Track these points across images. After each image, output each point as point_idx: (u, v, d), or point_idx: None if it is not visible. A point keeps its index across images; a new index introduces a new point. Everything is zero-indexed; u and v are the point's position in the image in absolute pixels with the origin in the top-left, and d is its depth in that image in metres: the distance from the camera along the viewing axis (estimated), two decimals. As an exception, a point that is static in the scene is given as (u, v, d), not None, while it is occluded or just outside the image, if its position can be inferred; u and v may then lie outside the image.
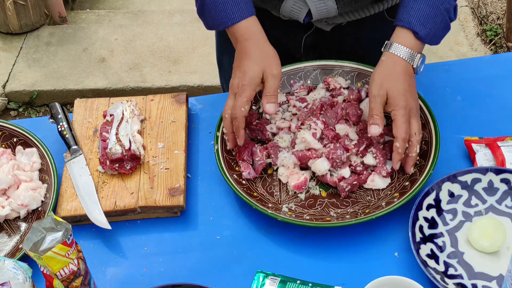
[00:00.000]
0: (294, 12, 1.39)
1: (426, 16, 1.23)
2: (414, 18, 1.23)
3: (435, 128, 1.29)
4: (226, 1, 1.26)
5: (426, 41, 1.25)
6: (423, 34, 1.23)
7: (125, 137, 1.32)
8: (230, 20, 1.26)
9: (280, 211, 1.22)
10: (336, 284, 1.12)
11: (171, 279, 1.16)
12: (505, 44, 3.30)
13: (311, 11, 1.37)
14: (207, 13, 1.29)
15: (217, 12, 1.27)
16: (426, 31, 1.23)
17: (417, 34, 1.23)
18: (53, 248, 0.98)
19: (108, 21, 3.57)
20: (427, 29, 1.23)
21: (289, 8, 1.39)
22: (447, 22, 1.26)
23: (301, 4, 1.37)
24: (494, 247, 1.15)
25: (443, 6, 1.24)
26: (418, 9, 1.23)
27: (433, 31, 1.24)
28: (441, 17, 1.24)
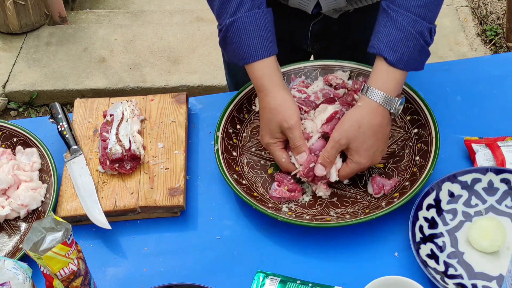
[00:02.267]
0: (303, 3, 1.39)
1: (396, 41, 1.20)
2: (383, 44, 1.20)
3: (435, 128, 1.29)
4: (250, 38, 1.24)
5: (400, 66, 1.20)
6: (393, 59, 1.20)
7: (125, 137, 1.32)
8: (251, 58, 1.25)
9: (280, 211, 1.22)
10: (336, 284, 1.12)
11: (171, 279, 1.16)
12: (505, 44, 3.30)
13: (319, 3, 1.37)
14: (228, 47, 1.28)
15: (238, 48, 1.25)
16: (397, 55, 1.20)
17: (387, 59, 1.20)
18: (53, 248, 0.98)
19: (108, 21, 3.56)
20: (398, 53, 1.20)
21: (297, 0, 1.39)
22: (422, 45, 1.21)
23: None
24: (494, 247, 1.15)
25: (414, 30, 1.19)
26: (387, 34, 1.20)
27: (406, 55, 1.20)
28: (414, 41, 1.20)
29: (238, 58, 1.27)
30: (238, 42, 1.25)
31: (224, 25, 1.25)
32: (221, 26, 1.27)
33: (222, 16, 1.26)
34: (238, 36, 1.24)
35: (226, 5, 1.24)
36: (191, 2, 3.74)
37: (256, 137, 1.36)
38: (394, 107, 1.21)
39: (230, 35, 1.25)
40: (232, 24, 1.24)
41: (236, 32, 1.24)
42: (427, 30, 1.20)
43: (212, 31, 3.29)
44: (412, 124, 1.34)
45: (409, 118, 1.35)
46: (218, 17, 1.28)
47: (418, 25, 1.19)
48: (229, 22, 1.24)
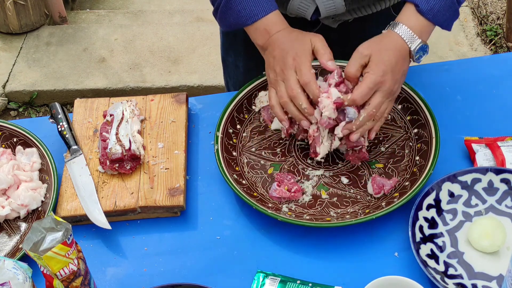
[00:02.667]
0: (302, 9, 1.39)
1: None
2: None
3: (435, 128, 1.29)
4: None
5: (429, 16, 1.21)
6: (424, 8, 1.20)
7: (125, 137, 1.32)
8: (260, 13, 1.26)
9: (280, 211, 1.22)
10: (336, 284, 1.12)
11: (171, 279, 1.16)
12: (505, 44, 3.30)
13: (318, 9, 1.37)
14: (233, 9, 1.27)
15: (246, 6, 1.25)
16: (429, 6, 1.20)
17: (418, 7, 1.21)
18: (53, 248, 0.98)
19: (108, 21, 3.57)
20: (429, 4, 1.20)
21: (296, 6, 1.39)
22: (453, 2, 1.22)
23: (308, 2, 1.37)
24: (494, 247, 1.15)
25: None
26: None
27: (437, 7, 1.21)
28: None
29: (244, 19, 1.26)
30: (245, 2, 1.25)
31: None
32: None
33: None
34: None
35: None
36: (191, 2, 3.74)
37: (256, 137, 1.36)
38: (415, 47, 1.21)
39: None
40: None
41: None
42: None
43: (212, 31, 3.29)
44: (412, 124, 1.34)
45: (409, 118, 1.35)
46: None
47: None
48: None
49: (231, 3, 1.27)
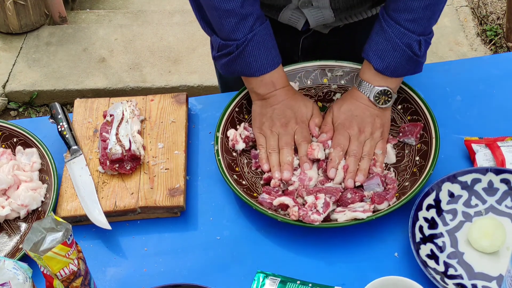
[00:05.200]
0: (293, 20, 1.41)
1: (383, 50, 1.26)
2: (372, 51, 1.27)
3: (435, 128, 1.29)
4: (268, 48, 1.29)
5: (387, 73, 1.28)
6: (380, 67, 1.27)
7: (125, 137, 1.32)
8: (270, 67, 1.30)
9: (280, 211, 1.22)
10: (336, 284, 1.12)
11: (171, 279, 1.16)
12: (505, 44, 3.30)
13: (308, 21, 1.39)
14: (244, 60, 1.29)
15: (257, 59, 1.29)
16: (384, 64, 1.27)
17: (373, 66, 1.27)
18: (53, 248, 0.98)
19: (108, 21, 3.56)
20: (384, 62, 1.26)
21: (287, 18, 1.41)
22: (410, 56, 1.26)
23: (298, 14, 1.38)
24: (494, 247, 1.15)
25: (402, 42, 1.24)
26: (376, 43, 1.27)
27: (393, 64, 1.26)
28: (401, 52, 1.25)
29: (253, 70, 1.29)
30: (257, 54, 1.28)
31: (244, 40, 1.26)
32: (238, 41, 1.27)
33: (237, 32, 1.26)
34: (257, 48, 1.28)
35: (244, 21, 1.26)
36: (191, 2, 3.74)
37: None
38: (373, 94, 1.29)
39: (249, 49, 1.27)
40: (253, 37, 1.26)
41: (256, 44, 1.27)
42: (415, 42, 1.25)
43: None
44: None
45: (409, 118, 1.35)
46: (233, 33, 1.27)
47: (405, 38, 1.24)
48: (250, 36, 1.26)
49: (244, 55, 1.28)
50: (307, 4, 1.35)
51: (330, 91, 1.41)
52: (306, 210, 1.17)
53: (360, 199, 1.21)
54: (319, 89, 1.42)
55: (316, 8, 1.36)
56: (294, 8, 1.37)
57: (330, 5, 1.35)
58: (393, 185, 1.23)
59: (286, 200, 1.19)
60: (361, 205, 1.19)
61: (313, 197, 1.19)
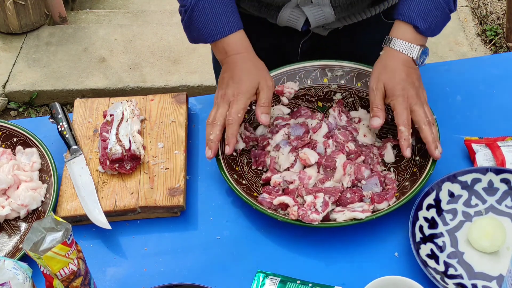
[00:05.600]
0: (292, 21, 1.40)
1: (426, 10, 1.24)
2: (415, 13, 1.24)
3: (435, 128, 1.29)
4: (217, 14, 1.26)
5: (427, 34, 1.26)
6: (423, 28, 1.24)
7: (125, 137, 1.32)
8: (220, 33, 1.27)
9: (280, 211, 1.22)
10: (336, 284, 1.12)
11: (171, 279, 1.16)
12: (505, 44, 3.30)
13: (308, 20, 1.38)
14: (195, 26, 1.29)
15: (206, 25, 1.27)
16: (427, 24, 1.24)
17: (418, 28, 1.24)
18: (53, 248, 0.98)
19: (108, 21, 3.57)
20: (427, 23, 1.24)
21: (286, 18, 1.40)
22: (447, 14, 1.27)
23: (298, 13, 1.38)
24: (494, 247, 1.15)
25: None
26: (418, 3, 1.24)
27: (434, 24, 1.25)
28: (441, 9, 1.25)
29: (205, 36, 1.28)
30: (205, 20, 1.27)
31: (189, 5, 1.27)
32: (185, 7, 1.28)
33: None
34: (204, 14, 1.26)
35: None
36: (191, 2, 3.74)
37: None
38: (416, 55, 1.25)
39: (196, 14, 1.27)
40: (198, 2, 1.26)
41: (202, 10, 1.26)
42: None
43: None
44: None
45: (409, 118, 1.35)
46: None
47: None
48: (194, 1, 1.26)
49: (193, 20, 1.28)
50: (307, 2, 1.35)
51: (330, 91, 1.41)
52: (305, 209, 1.17)
53: (360, 199, 1.21)
54: (319, 89, 1.42)
55: (316, 6, 1.36)
56: (294, 7, 1.37)
57: (330, 2, 1.35)
58: (392, 185, 1.23)
59: (286, 200, 1.19)
60: (360, 205, 1.19)
61: (312, 197, 1.19)
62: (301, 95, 1.41)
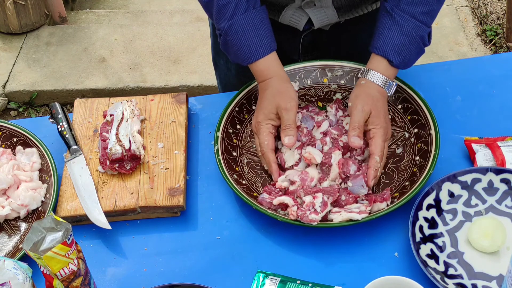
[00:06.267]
0: (294, 21, 1.41)
1: (400, 45, 1.27)
2: (389, 47, 1.27)
3: (435, 128, 1.29)
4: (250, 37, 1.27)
5: (400, 67, 1.29)
6: (397, 62, 1.28)
7: (125, 137, 1.32)
8: (254, 56, 1.28)
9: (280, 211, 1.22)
10: (336, 284, 1.12)
11: (171, 279, 1.16)
12: (505, 44, 3.30)
13: (311, 19, 1.38)
14: (230, 49, 1.31)
15: (240, 49, 1.28)
16: (401, 59, 1.28)
17: (392, 62, 1.27)
18: (53, 248, 0.98)
19: (108, 21, 3.56)
20: (401, 57, 1.28)
21: (288, 18, 1.40)
22: (421, 48, 1.29)
23: (300, 13, 1.38)
24: (494, 247, 1.15)
25: (417, 34, 1.27)
26: (392, 38, 1.27)
27: (407, 57, 1.28)
28: (415, 44, 1.28)
29: (240, 59, 1.30)
30: (238, 44, 1.28)
31: (223, 30, 1.28)
32: (220, 30, 1.29)
33: (220, 21, 1.28)
34: (237, 38, 1.27)
35: (223, 9, 1.27)
36: (191, 2, 3.74)
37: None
38: (391, 91, 1.30)
39: (230, 38, 1.28)
40: (231, 27, 1.27)
41: (235, 34, 1.27)
42: (427, 34, 1.29)
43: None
44: (412, 124, 1.34)
45: (409, 118, 1.35)
46: (217, 23, 1.30)
47: (420, 30, 1.27)
48: (227, 26, 1.27)
49: (228, 44, 1.30)
50: (310, 4, 1.35)
51: (330, 91, 1.41)
52: (304, 209, 1.17)
53: (355, 200, 1.21)
54: (319, 88, 1.42)
55: (319, 8, 1.36)
56: (296, 8, 1.37)
57: (332, 4, 1.35)
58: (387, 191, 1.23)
59: (286, 200, 1.19)
60: (357, 206, 1.19)
61: (311, 197, 1.19)
62: (301, 95, 1.41)
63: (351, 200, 1.21)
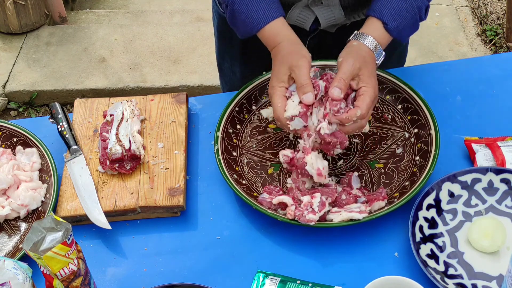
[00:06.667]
0: (300, 20, 1.40)
1: (398, 9, 1.25)
2: (386, 9, 1.26)
3: (435, 128, 1.29)
4: (257, 2, 1.26)
5: (394, 34, 1.27)
6: (391, 26, 1.26)
7: (125, 137, 1.32)
8: (263, 21, 1.27)
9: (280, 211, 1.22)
10: (336, 284, 1.12)
11: (171, 279, 1.16)
12: (505, 44, 3.30)
13: (318, 19, 1.38)
14: (238, 19, 1.29)
15: (249, 15, 1.27)
16: (396, 24, 1.26)
17: (386, 25, 1.26)
18: (53, 248, 0.98)
19: (108, 21, 3.56)
20: (396, 22, 1.26)
21: (295, 17, 1.40)
22: (416, 19, 1.28)
23: (307, 12, 1.38)
24: (494, 247, 1.15)
25: (415, 3, 1.26)
26: (391, 1, 1.26)
27: (402, 25, 1.27)
28: (412, 13, 1.27)
29: (249, 27, 1.28)
30: (246, 11, 1.27)
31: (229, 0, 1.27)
32: (226, 2, 1.29)
33: None
34: (245, 5, 1.27)
35: None
36: (191, 2, 3.74)
37: (256, 137, 1.36)
38: (379, 59, 1.26)
39: (237, 7, 1.28)
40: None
41: (242, 1, 1.27)
42: (424, 7, 1.28)
43: (212, 31, 3.28)
44: (412, 124, 1.34)
45: (409, 118, 1.35)
46: None
47: (419, 0, 1.26)
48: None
49: (235, 14, 1.29)
50: (317, 3, 1.35)
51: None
52: (302, 209, 1.17)
53: (355, 200, 1.21)
54: None
55: (326, 7, 1.36)
56: (303, 7, 1.37)
57: (339, 2, 1.35)
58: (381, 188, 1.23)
59: (285, 199, 1.19)
60: (357, 206, 1.19)
61: (309, 197, 1.19)
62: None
63: (352, 200, 1.21)
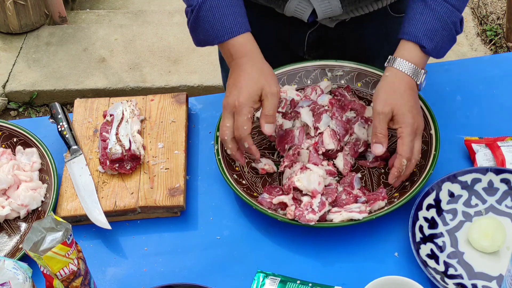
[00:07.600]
0: (298, 12, 1.39)
1: (433, 30, 1.20)
2: (421, 32, 1.20)
3: (435, 128, 1.29)
4: (225, 14, 1.22)
5: (433, 55, 1.23)
6: (430, 48, 1.21)
7: (125, 137, 1.32)
8: (227, 34, 1.22)
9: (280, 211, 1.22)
10: (336, 284, 1.12)
11: (171, 279, 1.16)
12: (505, 44, 3.30)
13: (315, 11, 1.37)
14: (201, 27, 1.25)
15: (213, 25, 1.23)
16: (433, 44, 1.21)
17: (424, 48, 1.21)
18: (53, 248, 0.98)
19: (108, 21, 3.56)
20: (434, 42, 1.21)
21: (293, 8, 1.39)
22: (453, 35, 1.23)
23: (305, 4, 1.37)
24: (494, 247, 1.15)
25: (450, 20, 1.21)
26: (424, 22, 1.21)
27: (440, 44, 1.22)
28: (448, 31, 1.22)
29: (212, 37, 1.24)
30: (212, 19, 1.22)
31: (195, 5, 1.23)
32: (191, 7, 1.25)
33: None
34: (211, 14, 1.22)
35: None
36: (191, 2, 3.74)
37: (256, 137, 1.36)
38: (420, 79, 1.22)
39: (203, 14, 1.23)
40: (204, 2, 1.22)
41: (209, 9, 1.22)
42: (459, 21, 1.23)
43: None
44: None
45: (409, 118, 1.35)
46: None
47: (453, 16, 1.21)
48: (201, 0, 1.23)
49: (199, 20, 1.24)
50: None
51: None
52: (302, 209, 1.17)
53: (355, 200, 1.21)
54: None
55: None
56: None
57: None
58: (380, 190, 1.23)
59: (285, 199, 1.19)
60: (357, 206, 1.19)
61: (309, 197, 1.19)
62: (301, 95, 1.41)
63: (352, 200, 1.21)
